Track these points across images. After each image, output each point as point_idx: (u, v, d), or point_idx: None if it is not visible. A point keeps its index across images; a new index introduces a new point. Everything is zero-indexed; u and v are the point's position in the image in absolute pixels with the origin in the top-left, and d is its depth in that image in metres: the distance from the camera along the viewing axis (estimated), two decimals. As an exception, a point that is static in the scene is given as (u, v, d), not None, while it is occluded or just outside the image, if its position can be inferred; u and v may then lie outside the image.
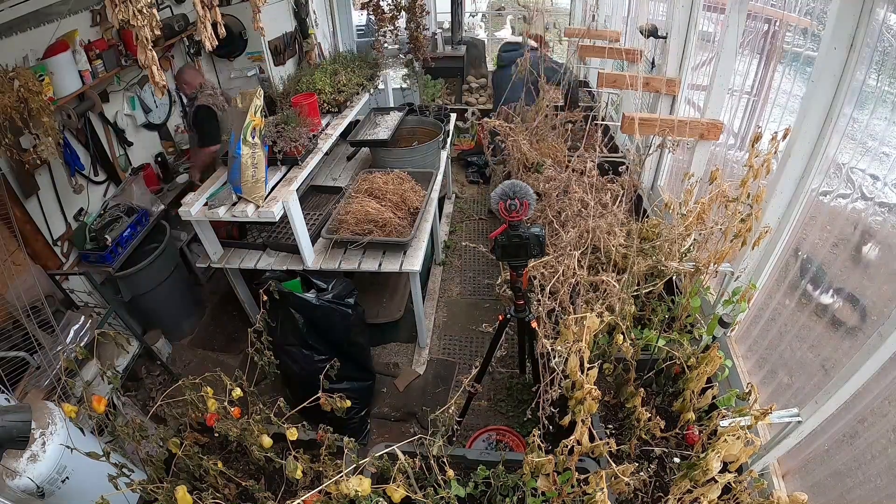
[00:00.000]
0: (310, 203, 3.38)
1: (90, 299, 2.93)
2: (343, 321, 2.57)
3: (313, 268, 2.79)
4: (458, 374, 3.15)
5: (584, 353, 1.23)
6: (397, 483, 1.17)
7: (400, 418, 2.94)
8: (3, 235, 2.48)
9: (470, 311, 3.61)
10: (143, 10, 1.44)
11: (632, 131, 2.35)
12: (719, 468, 1.18)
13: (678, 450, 1.65)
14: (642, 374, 1.83)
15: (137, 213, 3.11)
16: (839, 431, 1.47)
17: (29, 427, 1.69)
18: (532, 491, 1.38)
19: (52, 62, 2.65)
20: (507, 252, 1.94)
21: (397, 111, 3.96)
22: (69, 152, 2.92)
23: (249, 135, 2.47)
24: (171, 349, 3.38)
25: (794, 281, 1.77)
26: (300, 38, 4.57)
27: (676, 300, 2.07)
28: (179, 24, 3.54)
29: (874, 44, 1.38)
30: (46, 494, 1.73)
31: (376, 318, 3.26)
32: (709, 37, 2.64)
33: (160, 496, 1.33)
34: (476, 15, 7.07)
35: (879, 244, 1.45)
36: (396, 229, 2.82)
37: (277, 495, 1.51)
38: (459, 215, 4.73)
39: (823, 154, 1.57)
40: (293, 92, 3.53)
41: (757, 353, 1.97)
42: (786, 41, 1.96)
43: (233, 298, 3.32)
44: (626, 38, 4.03)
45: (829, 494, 1.49)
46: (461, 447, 2.26)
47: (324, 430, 1.50)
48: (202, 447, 1.60)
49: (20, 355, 2.31)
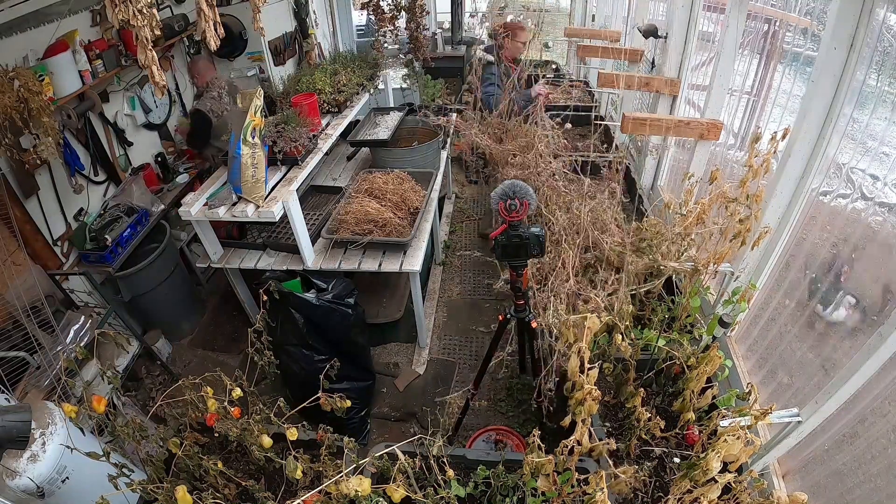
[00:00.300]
0: (310, 203, 3.38)
1: (90, 299, 2.93)
2: (343, 321, 2.57)
3: (313, 268, 2.79)
4: (458, 374, 3.15)
5: (585, 353, 1.23)
6: (397, 483, 1.17)
7: (400, 418, 2.94)
8: (3, 235, 2.48)
9: (470, 311, 3.61)
10: (143, 10, 1.44)
11: (632, 131, 2.35)
12: (719, 468, 1.18)
13: (678, 450, 1.65)
14: (642, 374, 1.83)
15: (137, 213, 3.11)
16: (839, 431, 1.47)
17: (29, 427, 1.69)
18: (532, 491, 1.38)
19: (52, 62, 2.66)
20: (507, 252, 1.94)
21: (397, 111, 3.96)
22: (69, 152, 2.93)
23: (249, 135, 2.47)
24: (171, 349, 3.38)
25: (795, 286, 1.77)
26: (300, 38, 4.57)
27: (676, 300, 2.07)
28: (179, 24, 3.54)
29: (874, 44, 1.38)
30: (46, 494, 1.74)
31: (376, 318, 3.26)
32: (709, 37, 2.64)
33: (160, 496, 1.33)
34: (476, 15, 7.07)
35: (880, 244, 1.45)
36: (396, 229, 2.82)
37: (277, 495, 1.50)
38: (459, 215, 4.73)
39: (823, 154, 1.57)
40: (293, 92, 3.53)
41: (757, 353, 1.97)
42: (786, 41, 1.96)
43: (233, 298, 3.31)
44: (626, 38, 4.03)
45: (829, 494, 1.49)
46: (461, 447, 2.26)
47: (324, 430, 1.50)
48: (202, 447, 1.60)
49: (20, 355, 2.31)
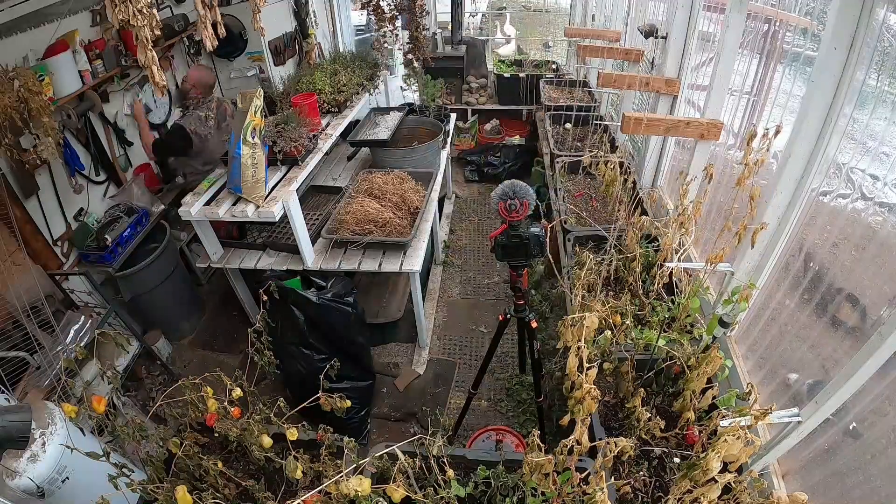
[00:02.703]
0: (310, 203, 3.38)
1: (90, 299, 2.93)
2: (343, 319, 2.58)
3: (313, 268, 2.79)
4: (458, 373, 3.15)
5: (584, 352, 1.23)
6: (397, 483, 1.17)
7: (400, 418, 2.94)
8: (3, 235, 2.48)
9: (470, 311, 3.61)
10: (143, 10, 1.44)
11: (632, 131, 2.35)
12: (719, 468, 1.18)
13: (678, 450, 1.65)
14: (642, 374, 1.83)
15: (137, 213, 3.11)
16: (839, 431, 1.47)
17: (29, 427, 1.70)
18: (532, 491, 1.38)
19: (52, 62, 2.66)
20: (507, 252, 1.94)
21: (397, 111, 3.96)
22: (69, 152, 2.93)
23: (249, 135, 2.47)
24: (171, 349, 3.38)
25: (795, 286, 1.77)
26: (300, 38, 4.57)
27: (676, 300, 2.07)
28: (179, 24, 3.54)
29: (874, 44, 1.38)
30: (46, 494, 1.73)
31: (376, 318, 3.26)
32: (709, 37, 2.64)
33: (160, 496, 1.33)
34: (476, 15, 7.07)
35: (880, 244, 1.45)
36: (396, 229, 2.82)
37: (277, 495, 1.50)
38: (459, 215, 4.73)
39: (823, 154, 1.57)
40: (293, 92, 3.53)
41: (757, 353, 1.97)
42: (786, 41, 1.96)
43: (233, 298, 3.32)
44: (626, 38, 4.02)
45: (829, 494, 1.49)
46: (461, 447, 2.26)
47: (324, 430, 1.50)
48: (202, 447, 1.60)
49: (20, 355, 2.31)
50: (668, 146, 2.98)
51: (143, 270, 3.03)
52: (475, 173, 5.28)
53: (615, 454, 1.18)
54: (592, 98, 4.61)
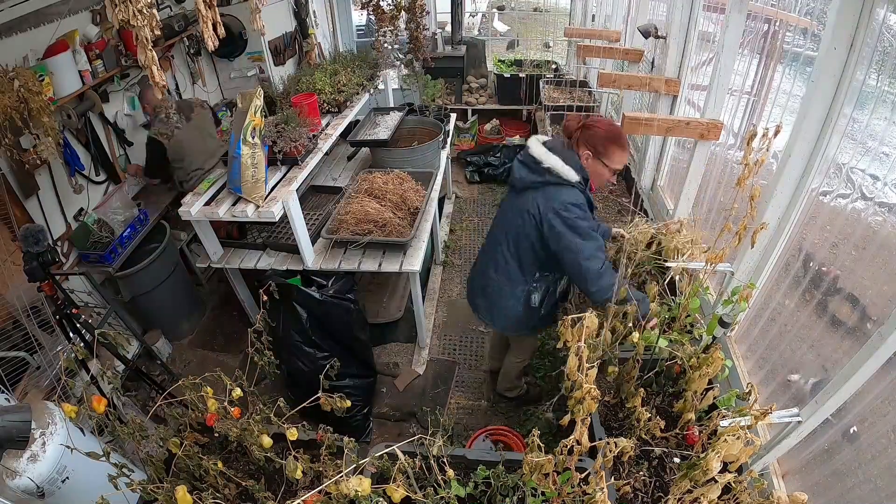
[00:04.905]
0: (310, 203, 3.38)
1: (90, 299, 2.93)
2: (345, 316, 2.59)
3: (313, 268, 2.79)
4: (458, 374, 3.15)
5: (583, 352, 1.23)
6: (397, 483, 1.17)
7: (400, 418, 2.94)
8: (3, 235, 2.48)
9: (470, 311, 3.60)
10: (143, 10, 1.44)
11: (632, 131, 2.35)
12: (719, 468, 1.18)
13: (678, 450, 1.65)
14: (642, 374, 1.83)
15: (137, 214, 3.11)
16: (839, 431, 1.47)
17: (29, 427, 1.70)
18: (532, 491, 1.38)
19: (52, 62, 2.65)
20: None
21: (397, 111, 3.96)
22: (69, 152, 2.93)
23: (249, 135, 2.47)
24: (171, 349, 3.38)
25: (795, 286, 1.77)
26: (300, 38, 4.58)
27: (676, 300, 2.07)
28: (179, 24, 3.54)
29: (874, 44, 1.38)
30: (46, 494, 1.73)
31: (376, 318, 3.26)
32: (709, 37, 2.64)
33: (160, 496, 1.33)
34: (476, 15, 7.07)
35: (879, 244, 1.45)
36: (396, 229, 2.82)
37: (277, 495, 1.50)
38: (459, 215, 4.73)
39: (823, 154, 1.57)
40: (293, 92, 3.53)
41: (757, 353, 1.97)
42: (786, 41, 1.96)
43: (233, 298, 3.31)
44: (626, 38, 4.02)
45: (829, 494, 1.49)
46: (461, 447, 2.25)
47: (323, 429, 1.50)
48: (202, 447, 1.60)
49: (20, 355, 2.31)
50: (668, 146, 2.99)
51: (142, 270, 3.02)
52: (475, 173, 5.29)
53: (615, 454, 1.18)
54: (592, 98, 4.61)
